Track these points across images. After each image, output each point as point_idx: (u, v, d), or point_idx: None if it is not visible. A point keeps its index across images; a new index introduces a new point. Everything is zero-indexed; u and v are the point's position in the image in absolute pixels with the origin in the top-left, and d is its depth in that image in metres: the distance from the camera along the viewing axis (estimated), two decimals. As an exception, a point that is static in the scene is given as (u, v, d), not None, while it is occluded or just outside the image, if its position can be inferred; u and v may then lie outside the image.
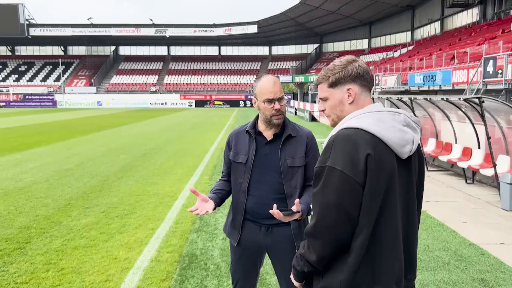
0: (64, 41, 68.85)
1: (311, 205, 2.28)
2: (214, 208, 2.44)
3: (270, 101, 2.29)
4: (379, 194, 1.51)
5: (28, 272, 4.20)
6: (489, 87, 14.64)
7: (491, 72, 14.23)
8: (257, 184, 2.39)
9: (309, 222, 1.69)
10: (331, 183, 1.50)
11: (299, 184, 2.35)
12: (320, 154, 2.37)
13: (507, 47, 17.23)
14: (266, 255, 2.54)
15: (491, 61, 14.31)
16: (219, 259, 4.55)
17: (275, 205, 2.15)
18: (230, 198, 2.60)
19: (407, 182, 1.61)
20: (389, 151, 1.53)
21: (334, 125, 1.71)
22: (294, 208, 2.18)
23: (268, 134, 2.40)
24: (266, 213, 2.27)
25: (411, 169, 1.63)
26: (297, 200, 2.17)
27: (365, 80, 1.65)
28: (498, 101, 7.49)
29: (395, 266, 1.55)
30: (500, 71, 13.74)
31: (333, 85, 1.67)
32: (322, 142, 1.64)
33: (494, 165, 7.30)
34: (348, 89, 1.65)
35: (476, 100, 7.12)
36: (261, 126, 2.41)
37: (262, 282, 4.02)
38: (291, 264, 2.40)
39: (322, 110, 1.75)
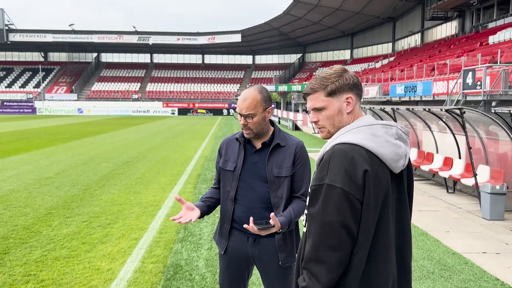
0: (44, 47, 67.89)
1: (293, 217, 2.27)
2: (202, 217, 2.42)
3: (239, 114, 2.32)
4: (376, 210, 1.48)
5: (7, 284, 4.07)
6: (468, 98, 14.97)
7: (470, 84, 14.57)
8: (244, 192, 2.37)
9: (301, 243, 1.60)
10: (332, 201, 1.45)
11: (285, 195, 2.33)
12: (309, 165, 2.38)
13: (485, 59, 17.69)
14: (255, 267, 2.52)
15: (470, 73, 14.65)
16: (204, 270, 4.49)
17: (251, 219, 2.15)
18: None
19: (400, 196, 1.60)
20: (384, 166, 1.52)
21: (329, 137, 1.66)
22: (270, 222, 2.16)
23: (257, 143, 2.40)
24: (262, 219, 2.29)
25: (403, 183, 1.62)
26: (272, 214, 2.15)
27: (359, 89, 1.64)
28: (478, 112, 7.65)
29: (389, 282, 1.53)
30: (479, 82, 14.08)
31: (332, 93, 1.62)
32: (312, 151, 1.62)
33: (475, 175, 7.43)
34: (347, 98, 1.61)
35: (458, 111, 7.26)
36: (247, 137, 2.42)
37: (248, 293, 3.97)
38: (276, 276, 2.39)
39: (315, 121, 1.67)
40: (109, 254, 4.89)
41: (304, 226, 1.59)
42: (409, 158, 1.65)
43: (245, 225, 2.15)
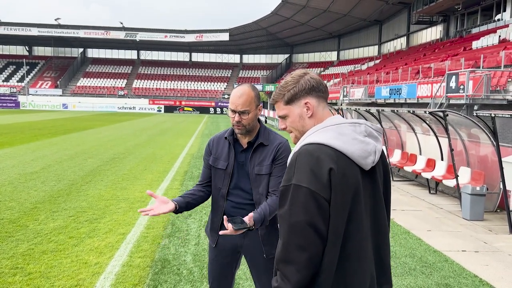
0: (29, 41, 66.83)
1: (267, 214, 2.30)
2: (178, 212, 2.41)
3: (232, 111, 2.36)
4: (345, 208, 1.48)
5: (-6, 277, 4.07)
6: (451, 101, 15.29)
7: (453, 87, 14.88)
8: (234, 190, 2.47)
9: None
10: (299, 201, 1.45)
11: (266, 192, 2.42)
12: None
13: (469, 64, 18.07)
14: (243, 259, 2.61)
15: (453, 77, 14.97)
16: (192, 264, 4.56)
17: (225, 218, 2.19)
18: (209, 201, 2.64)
19: (374, 192, 1.60)
20: (352, 164, 1.52)
21: (297, 141, 1.68)
22: (246, 220, 2.22)
23: (244, 142, 2.48)
24: (242, 217, 2.38)
25: (376, 179, 1.61)
26: (250, 215, 2.22)
27: (319, 91, 1.64)
28: (461, 115, 7.86)
29: (367, 281, 1.53)
30: (462, 86, 14.39)
31: (289, 101, 1.65)
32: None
33: (456, 176, 7.63)
34: (306, 103, 1.63)
35: (441, 114, 7.45)
36: (238, 134, 2.48)
37: (237, 287, 4.05)
38: (263, 268, 2.49)
39: (283, 128, 1.73)
40: (96, 248, 4.92)
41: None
42: (384, 155, 1.67)
43: (221, 232, 2.20)
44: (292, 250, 1.44)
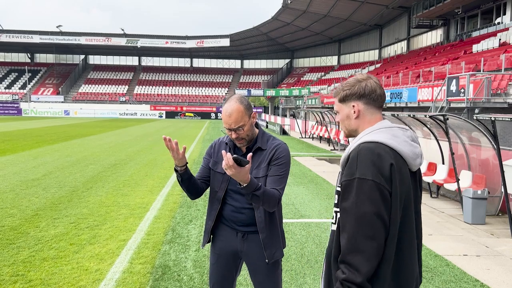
0: (31, 48, 67.20)
1: (262, 189, 2.20)
2: (182, 171, 2.40)
3: (228, 129, 2.39)
4: (402, 201, 1.59)
5: (-5, 284, 4.08)
6: (452, 105, 15.28)
7: (454, 91, 14.88)
8: (233, 194, 2.48)
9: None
10: (364, 193, 1.55)
11: None
12: (287, 165, 2.45)
13: (469, 67, 18.08)
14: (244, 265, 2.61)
15: (454, 81, 14.97)
16: (192, 270, 4.55)
17: (223, 152, 2.09)
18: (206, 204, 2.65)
19: (416, 193, 1.73)
20: (405, 163, 1.65)
21: (346, 137, 1.86)
22: (248, 158, 2.13)
23: (243, 147, 2.51)
24: (241, 221, 2.45)
25: (417, 181, 1.76)
26: (249, 154, 2.15)
27: (370, 98, 1.76)
28: (461, 118, 7.85)
29: (415, 273, 1.64)
30: (462, 90, 14.39)
31: (342, 100, 1.81)
32: (300, 155, 1.71)
33: (457, 180, 7.61)
34: (353, 106, 1.78)
35: (441, 117, 7.45)
36: (241, 147, 2.51)
37: (236, 293, 4.05)
38: (266, 273, 2.48)
39: (337, 122, 1.90)
40: (97, 255, 4.92)
41: (334, 224, 1.69)
42: None
43: (223, 151, 2.09)
44: (361, 240, 1.52)
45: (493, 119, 6.00)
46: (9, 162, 12.22)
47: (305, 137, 25.94)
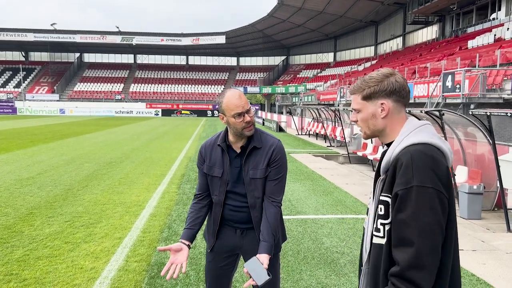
0: (25, 47, 66.78)
1: (275, 234, 2.33)
2: (192, 239, 2.46)
3: (240, 114, 2.30)
4: (452, 205, 1.50)
5: (-12, 284, 4.04)
6: (448, 101, 15.31)
7: (449, 87, 14.91)
8: (231, 195, 2.46)
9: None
10: (425, 203, 1.43)
11: (262, 195, 2.41)
12: (285, 165, 2.43)
13: (464, 63, 18.12)
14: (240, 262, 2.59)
15: (449, 77, 14.99)
16: (188, 268, 4.53)
17: (245, 270, 2.18)
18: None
19: None
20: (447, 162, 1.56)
21: (366, 138, 1.70)
22: (261, 259, 2.23)
23: (237, 147, 2.44)
24: (239, 219, 2.45)
25: None
26: (262, 255, 2.24)
27: (400, 96, 1.62)
28: (457, 114, 7.86)
29: (460, 280, 1.57)
30: (458, 86, 14.42)
31: (366, 98, 1.63)
32: (296, 152, 1.67)
33: (453, 175, 7.62)
34: (382, 104, 1.61)
35: (437, 113, 7.45)
36: (231, 139, 2.43)
37: (232, 290, 4.03)
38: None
39: (354, 121, 1.72)
40: (92, 253, 4.89)
41: (382, 237, 1.54)
42: None
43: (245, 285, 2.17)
44: (426, 254, 1.41)
45: (488, 114, 6.00)
46: (4, 161, 12.14)
47: (302, 134, 25.95)
